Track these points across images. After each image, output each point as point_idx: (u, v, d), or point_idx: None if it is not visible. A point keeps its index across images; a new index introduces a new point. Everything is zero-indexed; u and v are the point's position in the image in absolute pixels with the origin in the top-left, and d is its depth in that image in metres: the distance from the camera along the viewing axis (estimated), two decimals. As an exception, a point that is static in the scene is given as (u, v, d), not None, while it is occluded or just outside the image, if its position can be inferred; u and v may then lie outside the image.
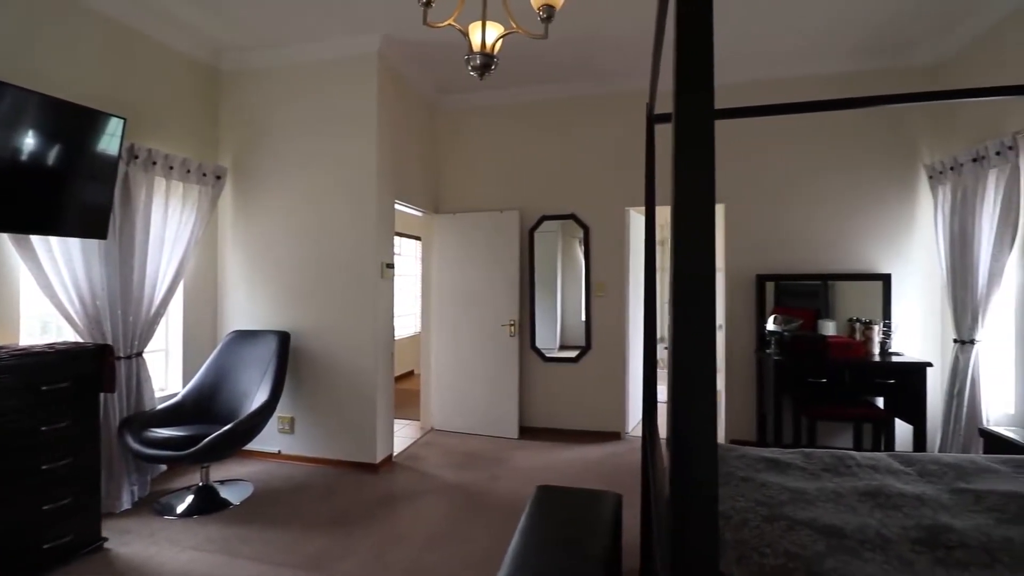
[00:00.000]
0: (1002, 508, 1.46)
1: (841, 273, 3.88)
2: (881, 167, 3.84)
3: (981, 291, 3.08)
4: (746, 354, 4.03)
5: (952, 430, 3.17)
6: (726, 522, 1.41)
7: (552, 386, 4.44)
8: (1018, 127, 2.86)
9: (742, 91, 3.93)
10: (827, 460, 1.87)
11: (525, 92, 4.41)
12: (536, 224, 4.48)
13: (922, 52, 3.64)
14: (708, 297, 0.68)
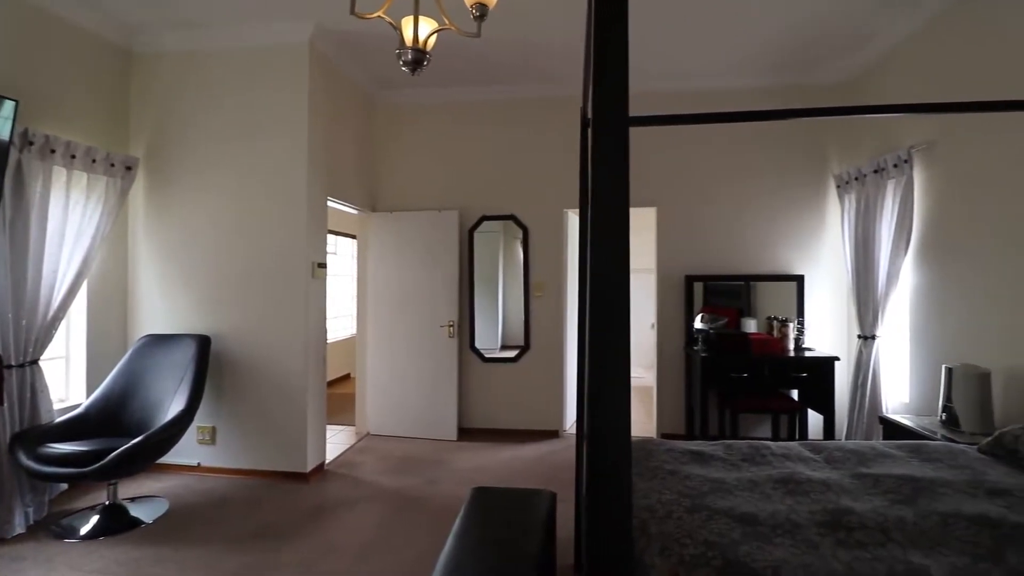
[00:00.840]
0: (896, 490, 1.60)
1: (761, 274, 4.13)
2: (797, 176, 4.13)
3: (881, 291, 3.37)
4: (676, 351, 4.21)
5: (857, 418, 3.46)
6: (651, 515, 1.45)
7: (491, 386, 4.44)
8: (913, 142, 3.16)
9: (676, 99, 4.12)
10: (746, 451, 1.98)
11: (466, 91, 4.38)
12: (476, 224, 4.46)
13: (832, 71, 3.95)
14: (622, 298, 0.70)
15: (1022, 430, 1.89)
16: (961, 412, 2.46)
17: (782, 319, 3.89)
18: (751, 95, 4.12)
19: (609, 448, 0.68)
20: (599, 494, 0.68)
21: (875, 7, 3.10)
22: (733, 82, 4.12)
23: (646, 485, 1.68)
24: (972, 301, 2.76)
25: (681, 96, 4.16)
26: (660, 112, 2.34)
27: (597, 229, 0.71)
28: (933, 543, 1.30)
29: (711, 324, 4.05)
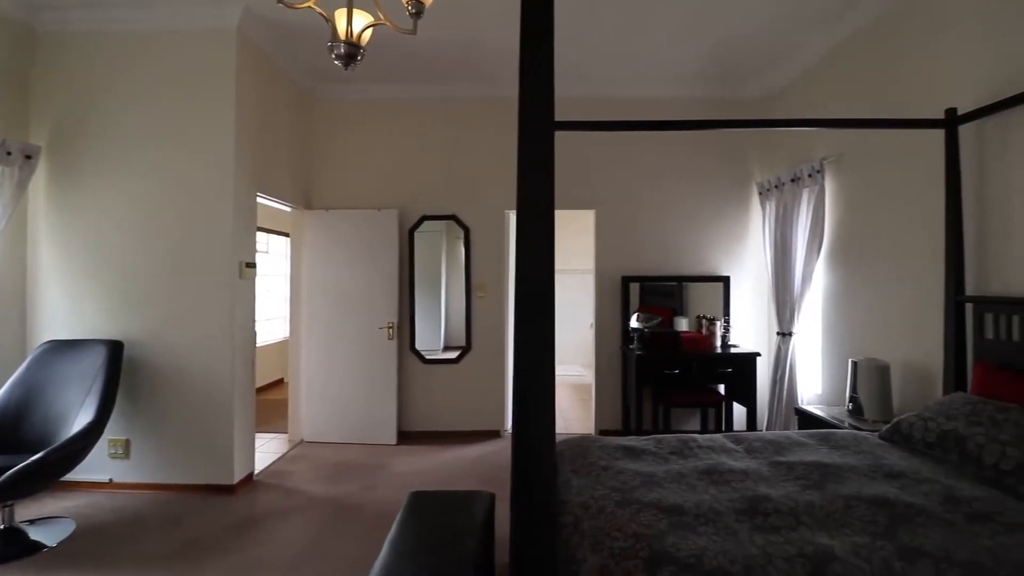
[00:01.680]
0: (807, 476, 1.73)
1: (692, 275, 4.34)
2: (724, 183, 4.37)
3: (797, 291, 3.63)
4: (614, 350, 4.34)
5: (776, 410, 3.71)
6: (585, 511, 1.49)
7: (433, 388, 4.39)
8: (825, 154, 3.43)
9: (619, 105, 4.28)
10: (674, 444, 2.07)
11: (408, 89, 4.31)
12: (416, 224, 4.40)
13: (757, 85, 4.21)
14: (547, 302, 0.71)
15: (916, 417, 2.09)
16: (865, 402, 2.70)
17: (710, 318, 4.10)
18: (687, 104, 4.32)
19: (534, 450, 0.69)
20: (524, 495, 0.69)
21: (793, 28, 3.34)
22: (672, 91, 4.31)
23: (581, 482, 1.72)
24: (874, 300, 3.03)
25: (624, 102, 4.31)
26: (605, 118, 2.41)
27: (524, 233, 0.72)
28: (838, 524, 1.42)
29: (646, 323, 4.21)
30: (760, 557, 1.23)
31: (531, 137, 0.73)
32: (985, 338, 2.28)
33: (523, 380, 0.69)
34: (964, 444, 1.81)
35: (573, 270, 7.32)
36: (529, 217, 0.71)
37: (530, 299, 0.70)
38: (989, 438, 1.76)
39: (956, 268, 2.36)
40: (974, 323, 2.33)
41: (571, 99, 4.26)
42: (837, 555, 1.23)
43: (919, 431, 2.00)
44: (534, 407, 0.69)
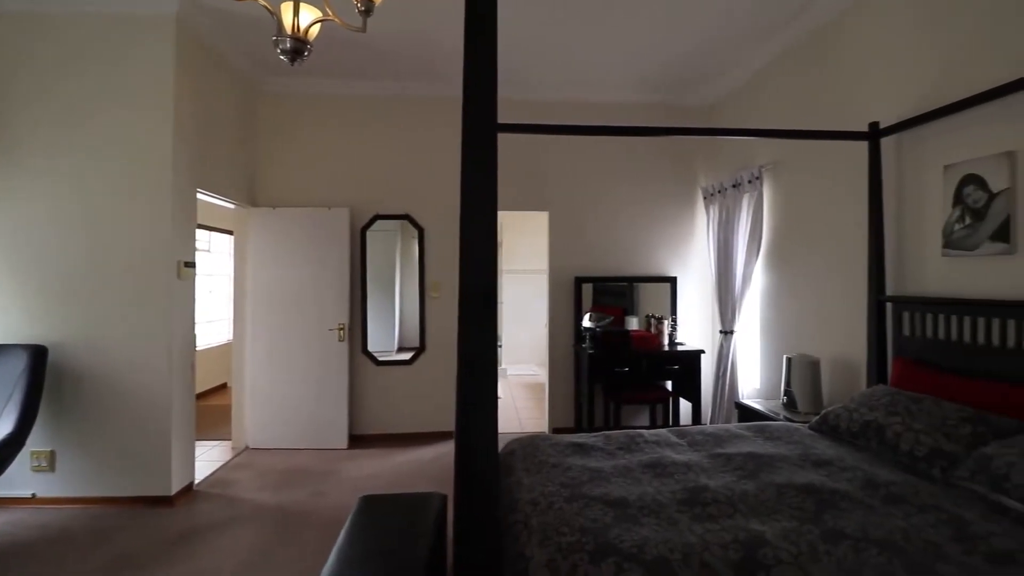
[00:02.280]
0: (743, 467, 1.83)
1: (641, 276, 4.48)
2: (672, 187, 4.54)
3: (737, 291, 3.82)
4: (567, 349, 4.41)
5: (718, 404, 3.89)
6: (534, 508, 1.51)
7: (386, 390, 4.32)
8: (763, 161, 3.62)
9: (574, 109, 4.35)
10: (622, 440, 2.14)
11: (361, 84, 4.22)
12: (369, 223, 4.32)
13: (701, 94, 4.39)
14: (490, 299, 0.72)
15: (842, 409, 2.24)
16: (798, 395, 2.87)
17: (658, 317, 4.25)
18: (637, 110, 4.45)
19: (476, 450, 0.70)
20: (466, 496, 0.70)
21: (736, 43, 3.50)
22: (624, 97, 4.43)
23: (531, 479, 1.75)
24: (806, 300, 3.23)
25: (579, 107, 4.41)
26: (560, 121, 2.46)
27: (467, 233, 0.73)
28: (770, 511, 1.51)
29: (598, 323, 4.30)
30: (698, 544, 1.29)
31: (474, 137, 0.74)
32: (903, 335, 2.48)
33: (466, 380, 0.70)
34: (883, 433, 1.96)
35: (528, 271, 7.39)
36: (472, 217, 0.72)
37: (473, 299, 0.71)
38: (905, 427, 1.92)
39: (878, 270, 2.55)
40: (893, 321, 2.53)
41: (529, 103, 4.33)
42: (768, 540, 1.31)
43: (844, 422, 2.15)
44: (476, 407, 0.70)
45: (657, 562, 1.22)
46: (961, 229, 2.23)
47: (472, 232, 0.72)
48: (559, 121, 3.99)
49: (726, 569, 1.22)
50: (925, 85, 2.41)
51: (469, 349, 0.71)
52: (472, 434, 0.69)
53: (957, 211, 2.24)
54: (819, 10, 3.03)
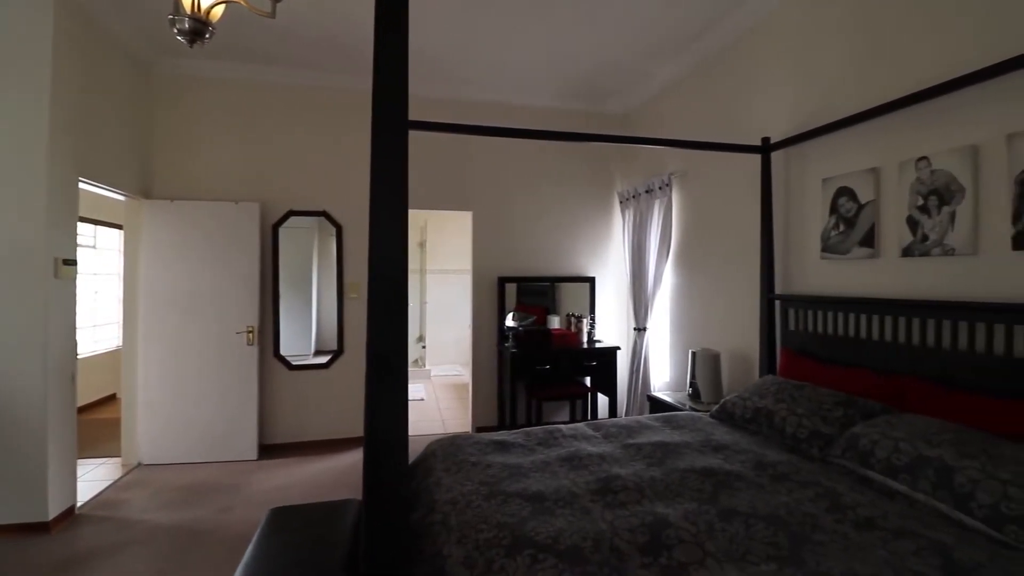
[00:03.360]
0: (651, 455, 1.94)
1: (562, 276, 4.61)
2: (591, 190, 4.71)
3: (650, 290, 4.04)
4: (490, 348, 4.45)
5: (633, 398, 4.10)
6: (453, 507, 1.52)
7: (301, 395, 4.11)
8: (673, 169, 3.86)
9: (496, 110, 4.38)
10: (541, 435, 2.20)
11: (275, 72, 3.98)
12: (282, 219, 4.09)
13: (618, 102, 4.60)
14: (399, 300, 0.72)
15: (737, 398, 2.45)
16: (702, 386, 3.09)
17: (578, 316, 4.40)
18: (561, 115, 4.59)
19: (387, 454, 0.70)
20: (374, 502, 0.69)
21: (648, 56, 3.70)
22: (548, 102, 4.55)
23: (452, 479, 1.75)
24: (709, 298, 3.49)
25: (505, 108, 4.47)
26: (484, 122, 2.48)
27: (376, 232, 0.72)
28: (674, 495, 1.62)
29: (521, 322, 4.38)
30: (608, 531, 1.36)
31: (383, 133, 0.73)
32: (789, 329, 2.75)
33: (375, 381, 0.69)
34: (772, 418, 2.17)
35: (452, 271, 7.35)
36: (381, 214, 0.71)
37: (382, 297, 0.70)
38: (790, 412, 2.13)
39: (768, 270, 2.82)
40: (781, 317, 2.80)
41: (454, 101, 4.32)
42: (671, 522, 1.40)
43: (740, 409, 2.35)
44: (385, 410, 0.69)
45: (570, 551, 1.27)
46: (836, 235, 2.51)
47: (381, 228, 0.71)
48: (484, 122, 4.02)
49: (633, 552, 1.29)
50: (808, 107, 2.69)
51: (378, 349, 0.70)
52: (381, 436, 0.69)
53: (833, 219, 2.53)
54: (722, 32, 3.28)
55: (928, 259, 2.09)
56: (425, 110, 4.10)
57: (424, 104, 4.27)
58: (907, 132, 2.18)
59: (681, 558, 1.27)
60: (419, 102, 4.26)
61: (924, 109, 2.09)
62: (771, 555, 1.28)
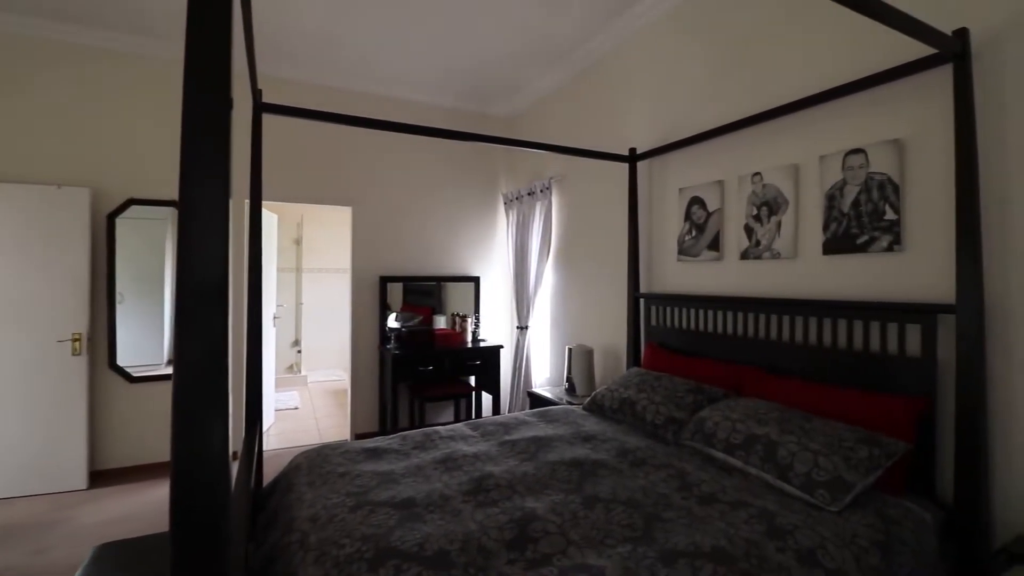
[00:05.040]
0: (525, 450, 1.99)
1: (448, 275, 4.57)
2: (476, 191, 4.73)
3: (532, 289, 4.16)
4: (371, 350, 4.27)
5: (515, 395, 4.19)
6: (313, 524, 1.41)
7: (144, 411, 3.59)
8: (553, 173, 4.00)
9: (379, 102, 4.22)
10: (418, 439, 2.14)
11: (106, 37, 3.40)
12: (120, 208, 3.54)
13: (503, 105, 4.66)
14: (219, 300, 0.63)
15: (606, 390, 2.59)
16: (577, 380, 3.24)
17: (463, 315, 4.39)
18: (447, 114, 4.54)
19: (201, 482, 0.61)
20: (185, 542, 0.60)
21: (529, 62, 3.79)
22: (433, 99, 4.47)
23: (315, 493, 1.63)
24: (585, 296, 3.67)
25: (387, 102, 4.32)
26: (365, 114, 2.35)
27: (187, 226, 0.63)
28: (543, 487, 1.66)
29: (405, 322, 4.26)
30: (477, 530, 1.36)
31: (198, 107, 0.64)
32: (652, 325, 2.99)
33: (186, 398, 0.60)
34: (634, 407, 2.33)
35: (331, 269, 6.96)
36: (196, 204, 0.62)
37: (196, 296, 0.61)
38: (649, 400, 2.31)
39: (634, 270, 3.04)
40: (645, 313, 3.03)
41: (332, 89, 4.08)
42: (538, 514, 1.44)
43: (608, 400, 2.50)
44: (201, 431, 0.61)
45: (437, 556, 1.24)
46: (690, 239, 2.78)
47: (195, 218, 0.62)
48: (368, 114, 3.84)
49: (501, 549, 1.30)
50: (669, 121, 2.95)
51: (189, 356, 0.61)
52: (193, 460, 0.60)
53: (687, 225, 2.79)
54: (597, 44, 3.46)
55: (760, 262, 2.39)
56: (303, 96, 3.82)
57: (302, 90, 3.98)
58: (745, 150, 2.48)
59: (546, 549, 1.30)
60: (297, 87, 3.95)
61: (758, 130, 2.39)
62: (627, 536, 1.36)
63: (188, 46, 0.64)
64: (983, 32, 1.63)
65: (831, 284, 2.09)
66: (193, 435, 0.61)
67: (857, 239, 1.99)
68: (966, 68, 1.61)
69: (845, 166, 2.03)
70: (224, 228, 0.64)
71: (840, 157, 2.04)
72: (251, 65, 1.87)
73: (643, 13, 3.04)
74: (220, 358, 0.62)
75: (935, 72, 1.74)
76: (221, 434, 0.62)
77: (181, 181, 0.62)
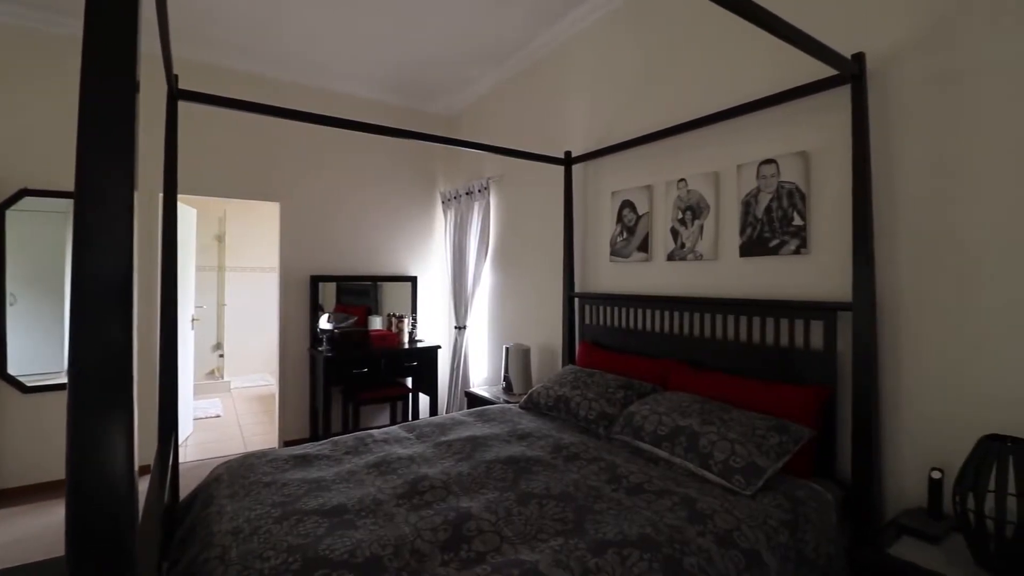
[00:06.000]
0: (461, 450, 1.98)
1: (384, 275, 4.47)
2: (413, 189, 4.65)
3: (470, 289, 4.15)
4: (301, 353, 4.09)
5: (453, 395, 4.16)
6: (235, 538, 1.33)
7: (40, 425, 3.24)
8: (491, 173, 4.01)
9: (315, 95, 4.06)
10: (350, 443, 2.08)
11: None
12: (10, 200, 3.17)
13: (442, 103, 4.62)
14: (124, 295, 0.59)
15: (542, 387, 2.64)
16: (514, 379, 3.28)
17: (399, 315, 4.31)
18: (382, 109, 4.43)
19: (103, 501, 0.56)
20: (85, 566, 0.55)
21: (468, 62, 3.77)
22: (368, 93, 4.33)
23: (237, 505, 1.54)
24: (522, 296, 3.72)
25: (318, 92, 4.16)
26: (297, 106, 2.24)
27: (85, 217, 0.58)
28: (479, 486, 1.67)
29: (339, 323, 4.12)
30: (411, 534, 1.34)
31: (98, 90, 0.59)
32: (586, 323, 3.07)
33: (84, 408, 0.55)
34: (569, 404, 2.39)
35: (258, 268, 6.61)
36: (98, 197, 0.57)
37: (96, 300, 0.56)
38: (583, 397, 2.37)
39: (569, 270, 3.11)
40: (580, 312, 3.11)
41: (269, 80, 3.88)
42: (473, 514, 1.44)
43: (543, 398, 2.54)
44: (101, 444, 0.56)
45: (368, 562, 1.21)
46: (621, 241, 2.88)
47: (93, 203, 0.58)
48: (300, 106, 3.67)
49: (435, 551, 1.29)
50: (603, 125, 3.04)
51: (87, 362, 0.56)
52: (92, 478, 0.55)
53: (618, 227, 2.90)
54: (536, 47, 3.50)
55: (685, 263, 2.52)
56: (228, 83, 3.59)
57: (227, 77, 3.75)
58: (672, 157, 2.60)
59: (480, 548, 1.31)
60: (221, 74, 3.71)
61: (684, 139, 2.52)
62: (559, 530, 1.39)
63: (88, 19, 0.59)
64: (878, 56, 1.81)
65: (747, 284, 2.25)
66: (91, 449, 0.56)
67: (769, 242, 2.14)
68: (862, 88, 1.78)
69: (759, 175, 2.18)
70: (128, 219, 0.59)
71: (755, 166, 2.20)
72: (165, 47, 1.74)
73: (582, 18, 3.11)
74: (124, 364, 0.58)
75: (838, 91, 1.91)
76: (124, 448, 0.58)
77: (78, 166, 0.57)
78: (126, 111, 0.61)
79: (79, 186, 0.57)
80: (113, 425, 0.57)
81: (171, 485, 1.84)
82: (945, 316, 1.66)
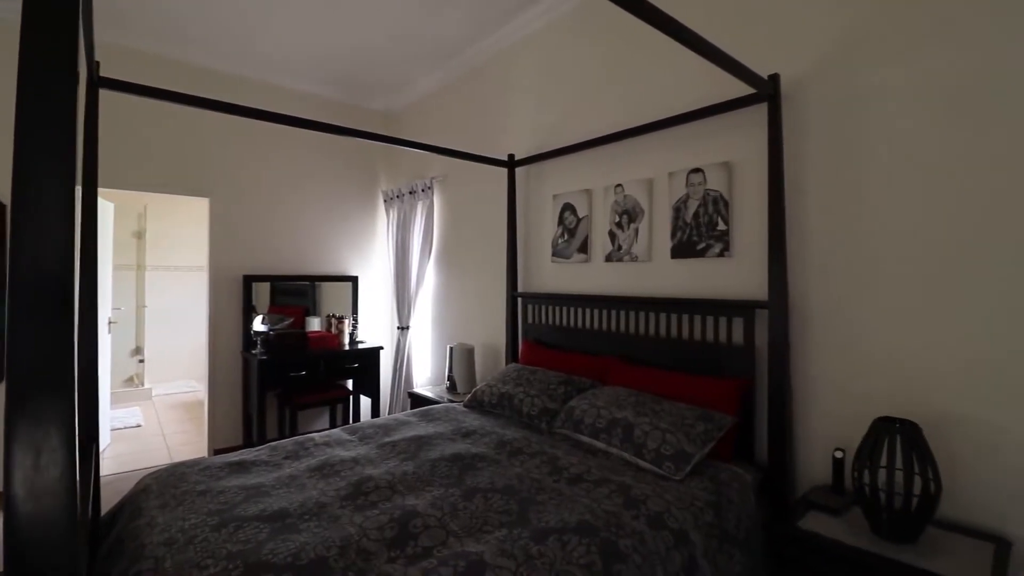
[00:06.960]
0: (406, 450, 1.99)
1: (323, 275, 4.35)
2: (354, 187, 4.56)
3: (413, 289, 4.13)
4: (233, 357, 3.91)
5: (396, 396, 4.13)
6: (169, 548, 1.28)
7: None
8: (435, 173, 4.01)
9: (242, 85, 3.87)
10: (290, 448, 2.03)
11: None
12: None
13: (383, 100, 4.55)
14: (65, 304, 0.58)
15: (486, 386, 2.69)
16: (458, 378, 3.30)
17: (339, 316, 4.21)
18: (320, 104, 4.30)
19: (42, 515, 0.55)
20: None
21: (410, 59, 3.75)
22: (305, 86, 4.20)
23: (170, 516, 1.48)
24: (465, 295, 3.75)
25: (253, 84, 4.01)
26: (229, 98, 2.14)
27: (24, 214, 0.56)
28: (424, 484, 1.69)
29: (274, 325, 3.97)
30: (356, 534, 1.34)
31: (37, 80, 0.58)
32: (528, 322, 3.15)
33: (19, 413, 0.54)
34: (512, 401, 2.45)
35: (182, 267, 6.22)
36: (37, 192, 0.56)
37: (35, 296, 0.55)
38: (526, 394, 2.44)
39: (512, 271, 3.17)
40: (522, 311, 3.19)
41: (199, 70, 3.68)
42: (419, 511, 1.47)
43: (487, 396, 2.59)
44: (39, 450, 0.55)
45: (313, 564, 1.21)
46: (562, 242, 2.98)
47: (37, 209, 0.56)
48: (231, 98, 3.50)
49: (381, 549, 1.31)
50: (546, 129, 3.12)
51: (28, 367, 0.55)
52: (32, 490, 0.54)
53: (560, 229, 3.00)
54: (480, 49, 3.54)
55: (622, 264, 2.65)
56: (151, 71, 3.35)
57: (151, 64, 3.51)
58: (610, 163, 2.73)
59: (426, 543, 1.34)
60: (143, 60, 3.47)
61: (621, 146, 2.65)
62: (503, 522, 1.45)
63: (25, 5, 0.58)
64: (793, 78, 2.00)
65: (678, 284, 2.40)
66: (30, 460, 0.55)
67: (697, 246, 2.31)
68: (777, 106, 1.96)
69: (688, 183, 2.34)
70: (69, 216, 0.58)
71: (684, 174, 2.35)
72: (88, 30, 1.63)
73: (526, 24, 3.17)
74: (65, 369, 0.57)
75: (758, 107, 2.08)
76: (65, 456, 0.57)
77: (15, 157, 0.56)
78: (64, 107, 0.59)
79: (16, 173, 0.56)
80: (54, 432, 0.56)
81: (93, 499, 1.73)
82: (846, 314, 1.86)
